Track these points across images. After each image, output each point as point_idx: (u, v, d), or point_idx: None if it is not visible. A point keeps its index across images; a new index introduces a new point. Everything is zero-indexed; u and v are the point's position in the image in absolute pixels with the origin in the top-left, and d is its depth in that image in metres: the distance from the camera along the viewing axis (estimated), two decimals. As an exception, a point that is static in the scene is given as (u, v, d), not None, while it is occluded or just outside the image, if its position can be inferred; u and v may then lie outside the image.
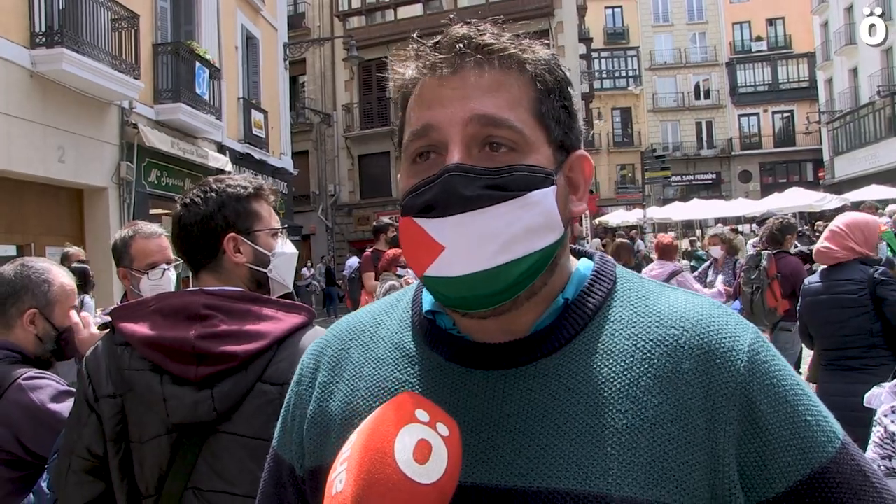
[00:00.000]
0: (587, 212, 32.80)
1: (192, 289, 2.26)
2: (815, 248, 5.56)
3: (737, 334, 1.11)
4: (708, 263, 10.70)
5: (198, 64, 18.03)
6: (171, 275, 3.55)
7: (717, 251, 10.15)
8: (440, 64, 1.13)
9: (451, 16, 1.22)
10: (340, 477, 0.97)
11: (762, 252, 8.64)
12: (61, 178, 14.03)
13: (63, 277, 2.98)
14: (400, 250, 9.30)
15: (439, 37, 1.14)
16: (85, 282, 9.42)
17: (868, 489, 1.07)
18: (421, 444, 0.97)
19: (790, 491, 1.03)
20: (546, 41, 1.22)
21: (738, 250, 10.86)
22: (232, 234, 2.25)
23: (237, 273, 2.28)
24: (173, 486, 2.07)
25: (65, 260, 9.34)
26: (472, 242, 1.06)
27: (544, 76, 1.15)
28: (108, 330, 2.26)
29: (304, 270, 29.47)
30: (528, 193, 1.08)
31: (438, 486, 0.96)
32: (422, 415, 1.02)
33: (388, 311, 1.34)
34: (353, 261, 27.33)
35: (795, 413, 1.07)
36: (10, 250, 12.72)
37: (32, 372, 2.70)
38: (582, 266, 1.24)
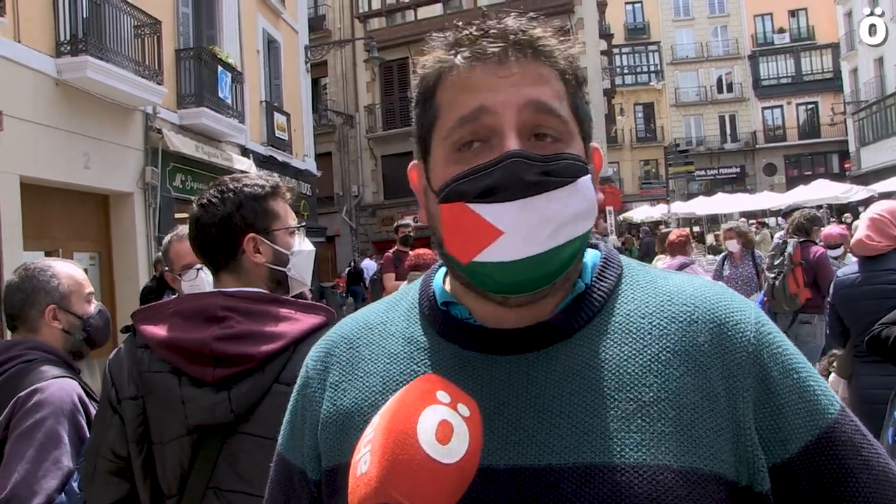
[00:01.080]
0: (612, 208, 32.56)
1: (210, 290, 2.27)
2: (854, 238, 5.36)
3: (742, 309, 1.18)
4: (723, 256, 10.60)
5: (220, 68, 18.08)
6: (205, 276, 3.49)
7: (733, 245, 10.04)
8: (489, 53, 1.14)
9: (485, 11, 1.25)
10: (365, 458, 0.99)
11: (788, 240, 8.56)
12: (87, 184, 14.13)
13: (68, 268, 3.01)
14: (431, 252, 9.30)
15: (484, 26, 1.16)
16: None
17: (865, 445, 1.14)
18: (442, 424, 0.99)
19: (802, 451, 1.09)
20: (569, 37, 1.25)
21: (754, 244, 10.75)
22: (251, 234, 2.25)
23: (257, 273, 2.28)
24: (195, 486, 2.08)
25: (157, 263, 9.77)
26: (530, 227, 1.08)
27: (575, 72, 1.20)
28: (130, 332, 2.27)
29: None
30: (578, 180, 1.12)
31: (460, 465, 0.98)
32: (443, 396, 1.03)
33: (392, 308, 1.34)
34: (367, 263, 27.47)
35: (801, 379, 1.13)
36: (39, 256, 12.81)
37: (58, 382, 2.70)
38: (590, 254, 1.26)
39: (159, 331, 2.14)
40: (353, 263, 30.10)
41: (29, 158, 12.23)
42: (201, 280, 3.50)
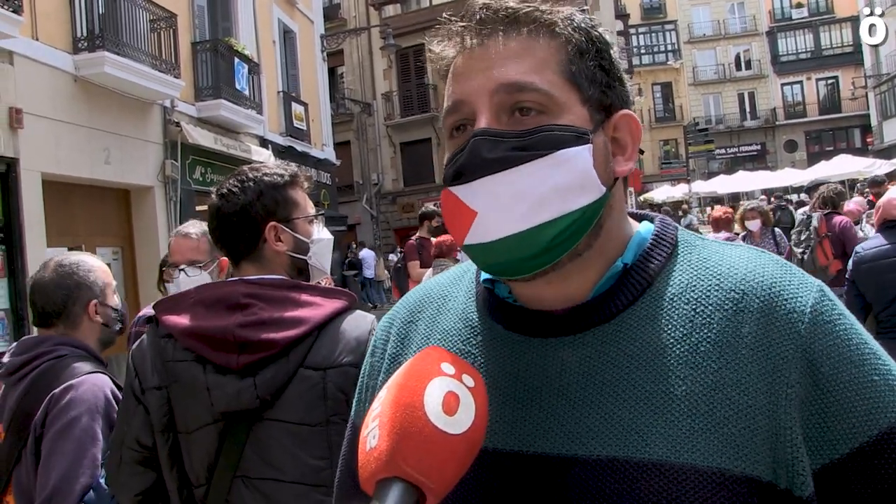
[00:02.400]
0: (632, 189, 32.40)
1: (232, 279, 2.28)
2: (885, 198, 5.30)
3: (799, 295, 1.07)
4: (742, 235, 10.55)
5: (236, 60, 18.11)
6: (186, 277, 3.51)
7: (754, 224, 9.95)
8: (466, 36, 1.13)
9: None
10: (374, 433, 0.98)
11: (812, 214, 8.46)
12: (108, 179, 14.21)
13: (98, 261, 3.03)
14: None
15: (477, 7, 1.14)
16: None
17: None
18: (449, 395, 0.99)
19: (855, 453, 1.00)
20: (584, 7, 1.22)
21: (773, 222, 10.71)
22: (273, 222, 2.26)
23: (278, 261, 2.29)
24: (222, 474, 2.09)
25: None
26: (501, 205, 1.05)
27: (576, 37, 1.13)
28: (153, 323, 2.28)
29: (392, 256, 29.60)
30: (558, 151, 1.05)
31: (467, 435, 0.98)
32: (447, 367, 1.03)
33: (455, 282, 1.34)
34: (365, 253, 27.44)
35: (861, 373, 1.02)
36: (63, 252, 12.88)
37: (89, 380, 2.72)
38: (643, 229, 1.21)
39: (182, 320, 2.15)
40: (350, 253, 30.09)
41: (50, 155, 12.32)
42: (178, 283, 3.50)
